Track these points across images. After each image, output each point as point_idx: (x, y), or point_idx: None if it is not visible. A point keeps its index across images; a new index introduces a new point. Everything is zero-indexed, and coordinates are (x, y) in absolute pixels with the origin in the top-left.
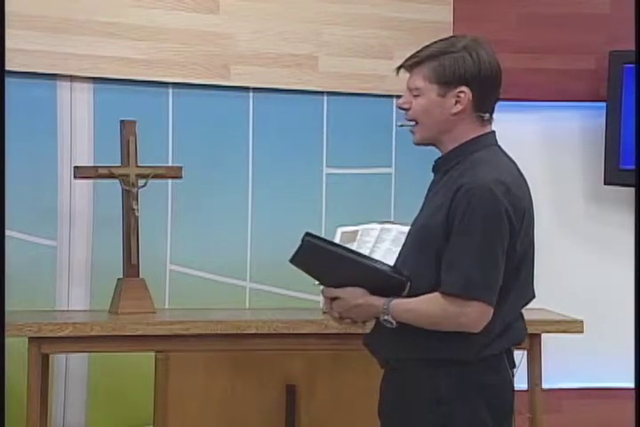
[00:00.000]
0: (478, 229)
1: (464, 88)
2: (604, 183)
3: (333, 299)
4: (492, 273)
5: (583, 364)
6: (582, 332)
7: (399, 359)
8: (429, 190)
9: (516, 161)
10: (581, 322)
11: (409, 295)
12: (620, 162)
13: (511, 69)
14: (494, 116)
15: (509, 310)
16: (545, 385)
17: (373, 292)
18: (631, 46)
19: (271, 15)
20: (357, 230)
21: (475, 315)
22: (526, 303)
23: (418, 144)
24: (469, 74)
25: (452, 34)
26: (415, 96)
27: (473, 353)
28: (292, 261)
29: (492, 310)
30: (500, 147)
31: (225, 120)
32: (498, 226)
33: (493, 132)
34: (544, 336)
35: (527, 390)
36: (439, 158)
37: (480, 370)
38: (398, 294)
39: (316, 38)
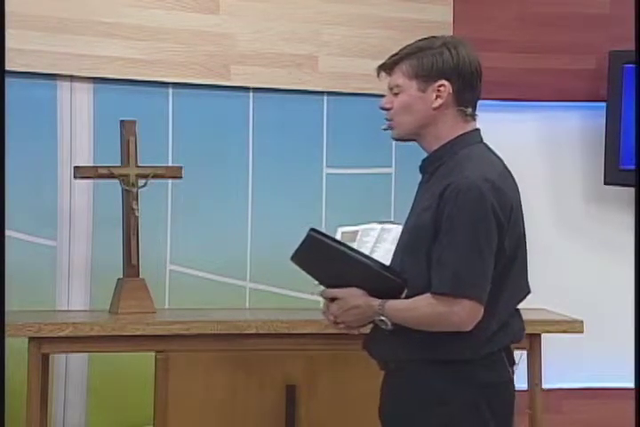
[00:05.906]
0: (465, 227)
1: (444, 81)
2: (604, 183)
3: (332, 300)
4: (480, 270)
5: (583, 364)
6: (582, 332)
7: (398, 361)
8: (418, 191)
9: (515, 161)
10: (581, 322)
11: (406, 297)
12: (620, 162)
13: (511, 69)
14: (494, 116)
15: (504, 306)
16: (545, 385)
17: (371, 293)
18: (631, 46)
19: (271, 15)
20: (357, 230)
21: (464, 313)
22: (522, 299)
23: (397, 139)
24: (448, 67)
25: (451, 34)
26: (396, 94)
27: (471, 352)
28: (294, 257)
29: (482, 308)
30: (485, 144)
31: (225, 120)
32: (485, 223)
33: (478, 129)
34: (544, 336)
35: (527, 390)
36: (425, 159)
37: (479, 369)
38: (396, 297)
39: (315, 38)
